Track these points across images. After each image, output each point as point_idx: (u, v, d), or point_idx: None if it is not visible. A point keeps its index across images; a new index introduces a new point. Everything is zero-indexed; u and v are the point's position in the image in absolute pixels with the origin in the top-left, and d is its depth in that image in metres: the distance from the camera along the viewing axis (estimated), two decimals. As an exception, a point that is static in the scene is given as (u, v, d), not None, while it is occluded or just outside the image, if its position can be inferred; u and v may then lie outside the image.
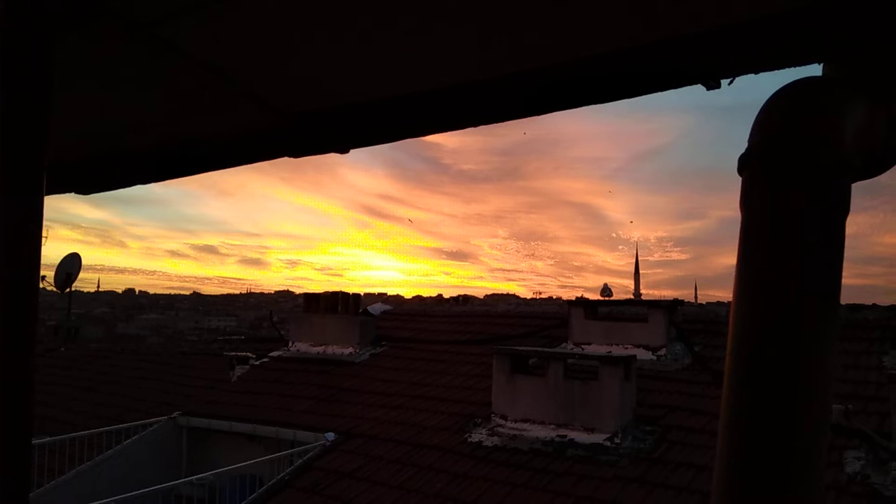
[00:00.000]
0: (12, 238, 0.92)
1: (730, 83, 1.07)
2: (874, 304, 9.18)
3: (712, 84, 1.08)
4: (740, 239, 0.88)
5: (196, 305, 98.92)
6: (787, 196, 0.85)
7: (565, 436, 7.40)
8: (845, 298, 0.92)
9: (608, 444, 7.10)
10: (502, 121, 1.26)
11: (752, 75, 1.05)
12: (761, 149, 0.90)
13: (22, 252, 0.92)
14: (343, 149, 1.46)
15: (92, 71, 1.26)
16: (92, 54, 1.18)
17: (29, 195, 0.94)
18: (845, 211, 0.86)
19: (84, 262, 16.16)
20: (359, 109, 1.36)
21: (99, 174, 1.73)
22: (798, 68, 1.01)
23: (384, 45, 1.15)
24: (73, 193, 1.74)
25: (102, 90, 1.36)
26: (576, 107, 1.19)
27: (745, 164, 0.90)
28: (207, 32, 1.13)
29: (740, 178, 0.92)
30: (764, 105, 0.92)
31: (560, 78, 1.16)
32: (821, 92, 0.94)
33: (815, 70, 1.02)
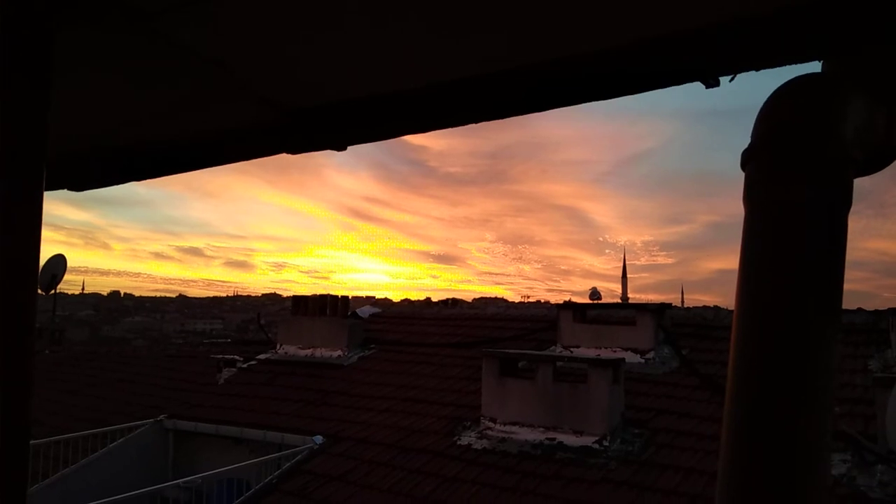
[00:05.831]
0: (12, 235, 0.90)
1: (731, 80, 1.07)
2: (859, 309, 9.28)
3: (711, 82, 1.08)
4: (744, 232, 0.89)
5: (182, 308, 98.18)
6: (791, 188, 0.86)
7: (554, 438, 7.41)
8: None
9: (597, 446, 7.11)
10: (502, 117, 1.26)
11: (751, 75, 1.05)
12: (765, 142, 0.90)
13: (21, 250, 0.90)
14: (340, 145, 1.45)
15: (87, 64, 1.24)
16: (88, 47, 1.17)
17: (29, 191, 0.92)
18: (848, 204, 0.86)
19: (68, 263, 15.95)
20: (357, 105, 1.35)
21: (93, 170, 1.71)
22: (797, 66, 1.02)
23: (382, 41, 1.15)
24: (65, 190, 1.72)
25: (97, 84, 1.34)
26: (576, 103, 1.19)
27: (749, 158, 0.91)
28: (205, 26, 1.12)
29: (743, 174, 0.93)
30: (767, 100, 0.93)
31: (560, 74, 1.16)
32: (823, 88, 0.94)
33: (814, 67, 1.02)
